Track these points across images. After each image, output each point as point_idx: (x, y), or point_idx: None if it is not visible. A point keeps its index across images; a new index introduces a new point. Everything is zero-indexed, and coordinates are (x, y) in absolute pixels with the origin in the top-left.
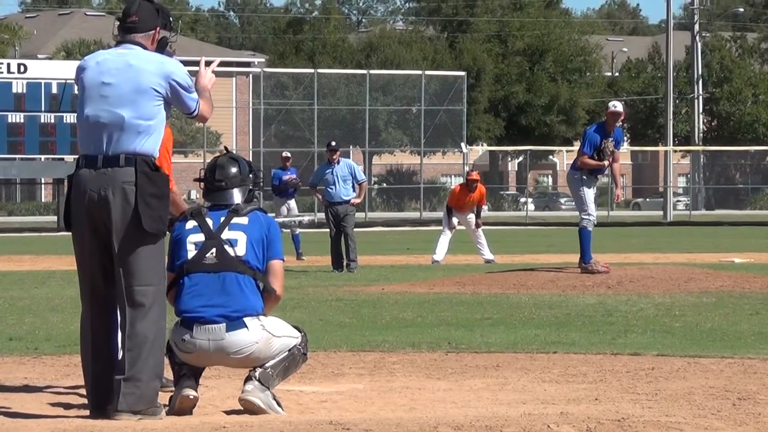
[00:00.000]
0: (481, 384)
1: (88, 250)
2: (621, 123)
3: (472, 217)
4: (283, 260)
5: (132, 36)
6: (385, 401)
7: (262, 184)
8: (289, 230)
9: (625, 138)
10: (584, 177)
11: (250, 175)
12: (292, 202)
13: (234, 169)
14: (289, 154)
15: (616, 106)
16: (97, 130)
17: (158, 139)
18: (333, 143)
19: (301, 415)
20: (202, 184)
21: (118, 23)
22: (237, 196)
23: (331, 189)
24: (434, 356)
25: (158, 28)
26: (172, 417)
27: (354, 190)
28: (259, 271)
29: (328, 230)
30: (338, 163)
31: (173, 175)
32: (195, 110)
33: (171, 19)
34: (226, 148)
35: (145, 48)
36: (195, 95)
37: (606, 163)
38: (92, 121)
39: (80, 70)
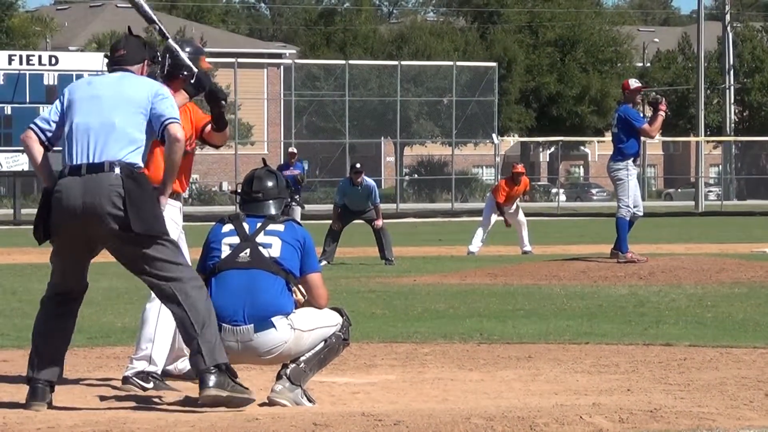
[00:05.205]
0: (513, 375)
1: (68, 254)
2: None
3: (515, 209)
4: (321, 272)
5: (122, 68)
6: (418, 392)
7: (298, 199)
8: None
9: None
10: (629, 167)
11: (287, 190)
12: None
13: (271, 182)
14: (295, 150)
15: (637, 82)
16: (84, 137)
17: (144, 154)
18: (358, 165)
19: (333, 407)
20: (238, 197)
21: (107, 59)
22: (273, 207)
23: (351, 204)
24: (466, 347)
25: (146, 61)
26: (205, 409)
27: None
28: (293, 275)
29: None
30: (361, 185)
31: (207, 166)
32: (168, 119)
33: (158, 53)
34: (264, 160)
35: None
36: (177, 116)
37: (664, 107)
38: (81, 128)
39: (69, 90)
